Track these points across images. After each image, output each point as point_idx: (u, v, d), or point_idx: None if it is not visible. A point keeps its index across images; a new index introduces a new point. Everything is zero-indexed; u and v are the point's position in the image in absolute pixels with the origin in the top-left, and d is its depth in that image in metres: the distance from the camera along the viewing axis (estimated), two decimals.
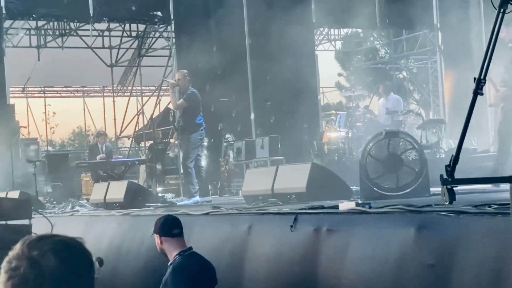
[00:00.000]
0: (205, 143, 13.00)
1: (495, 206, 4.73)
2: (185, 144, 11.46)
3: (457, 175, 5.66)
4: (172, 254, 5.92)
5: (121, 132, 26.05)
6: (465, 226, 4.73)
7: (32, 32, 24.29)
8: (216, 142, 17.07)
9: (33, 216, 9.35)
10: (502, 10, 5.50)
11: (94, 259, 1.94)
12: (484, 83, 5.68)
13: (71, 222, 10.14)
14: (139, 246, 8.04)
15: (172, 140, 17.99)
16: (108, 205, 10.88)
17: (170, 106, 21.38)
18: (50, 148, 30.16)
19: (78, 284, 1.87)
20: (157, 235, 6.01)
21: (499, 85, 8.74)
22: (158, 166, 17.92)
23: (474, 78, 5.66)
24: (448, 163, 5.70)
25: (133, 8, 17.96)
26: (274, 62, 17.75)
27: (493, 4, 5.53)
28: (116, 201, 10.72)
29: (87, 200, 12.97)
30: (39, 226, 8.63)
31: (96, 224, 9.56)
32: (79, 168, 18.12)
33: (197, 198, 11.12)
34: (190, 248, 6.01)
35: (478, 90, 5.64)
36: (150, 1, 18.20)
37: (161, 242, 5.98)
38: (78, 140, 37.16)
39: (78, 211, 11.21)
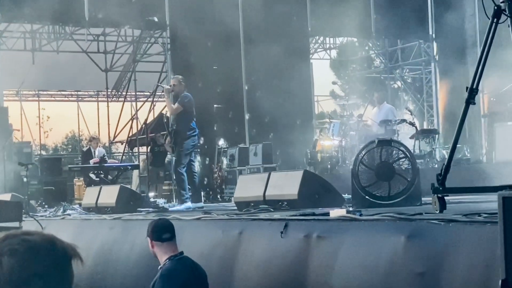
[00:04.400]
0: (198, 149, 12.99)
1: (485, 215, 4.74)
2: (177, 149, 11.44)
3: (449, 184, 5.68)
4: (162, 258, 5.93)
5: (114, 137, 26.01)
6: (455, 235, 4.74)
7: (27, 35, 24.26)
8: (209, 149, 17.07)
9: (23, 219, 9.35)
10: (495, 20, 5.52)
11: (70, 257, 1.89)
12: (477, 92, 5.70)
13: (62, 226, 10.12)
14: (130, 250, 8.02)
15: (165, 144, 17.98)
16: (99, 210, 10.86)
17: (165, 111, 21.43)
18: (43, 152, 30.10)
19: (40, 285, 1.82)
20: (148, 238, 6.03)
21: None
22: (160, 172, 17.97)
23: (467, 88, 5.69)
24: (439, 172, 5.72)
25: (134, 13, 17.99)
26: (269, 70, 17.77)
27: (486, 14, 5.55)
28: (107, 206, 10.70)
29: (79, 204, 12.94)
30: (30, 229, 8.60)
31: (87, 228, 9.55)
32: (72, 172, 18.11)
33: (189, 204, 11.11)
34: (182, 252, 6.00)
35: (470, 100, 5.66)
36: (146, 6, 18.20)
37: (152, 246, 6.00)
38: (72, 144, 37.09)
39: (69, 215, 11.19)
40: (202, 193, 16.26)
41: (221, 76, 17.31)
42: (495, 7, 5.49)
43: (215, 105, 17.48)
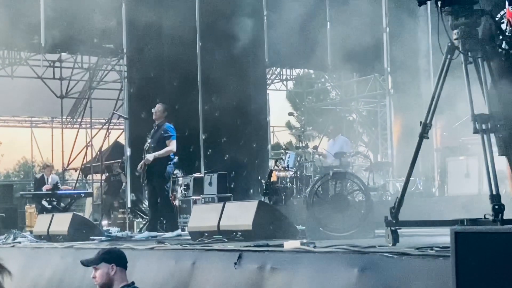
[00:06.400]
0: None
1: (437, 249, 4.79)
2: (157, 178, 11.53)
3: (402, 217, 5.73)
4: (119, 286, 5.86)
5: (68, 164, 25.74)
6: (408, 268, 4.77)
7: None
8: None
9: None
10: (448, 56, 5.62)
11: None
12: (430, 127, 5.78)
13: (12, 254, 9.94)
14: (81, 279, 7.92)
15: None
16: (51, 237, 10.71)
17: (119, 140, 21.31)
18: None
19: None
20: (112, 264, 5.88)
21: None
22: (115, 201, 17.88)
23: (421, 122, 5.77)
24: (393, 205, 5.77)
25: (92, 40, 17.94)
26: (226, 100, 17.82)
27: (441, 50, 5.64)
28: (59, 234, 10.56)
29: (31, 232, 12.75)
30: None
31: (38, 256, 9.40)
32: (24, 199, 17.88)
33: (179, 231, 11.30)
34: (133, 282, 5.95)
35: (424, 134, 5.75)
36: (103, 33, 18.15)
37: (115, 272, 5.86)
38: (24, 171, 36.62)
39: (19, 242, 11.00)
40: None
41: (180, 107, 17.29)
42: (449, 44, 5.60)
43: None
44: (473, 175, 11.47)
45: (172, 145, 11.53)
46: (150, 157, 11.59)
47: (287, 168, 14.62)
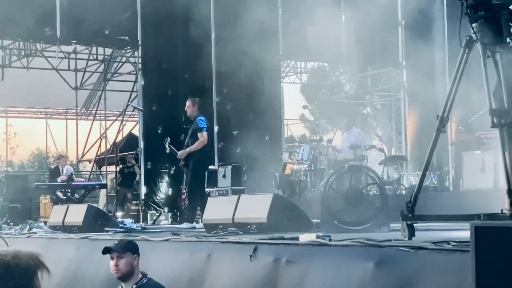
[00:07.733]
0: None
1: (454, 243, 4.77)
2: (190, 167, 11.66)
3: (416, 212, 5.72)
4: (139, 275, 6.08)
5: (82, 156, 25.84)
6: (424, 262, 4.76)
7: None
8: (177, 170, 17.01)
9: None
10: (467, 50, 5.59)
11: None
12: (447, 121, 5.75)
13: (27, 244, 9.98)
14: (96, 270, 7.95)
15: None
16: (66, 228, 10.75)
17: (134, 132, 21.37)
18: (9, 169, 29.81)
19: None
20: (136, 255, 6.13)
21: None
22: (128, 193, 17.95)
23: (437, 116, 5.74)
24: (409, 199, 5.76)
25: (106, 32, 17.98)
26: (240, 92, 17.81)
27: (460, 43, 5.61)
28: (74, 225, 10.59)
29: (45, 222, 12.81)
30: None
31: (53, 247, 9.43)
32: (39, 190, 17.97)
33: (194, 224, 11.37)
34: (146, 274, 6.13)
35: (441, 128, 5.71)
36: (118, 25, 18.18)
37: (137, 263, 6.11)
38: (38, 162, 36.76)
39: (35, 233, 11.05)
40: (169, 214, 16.25)
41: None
42: (467, 37, 5.57)
43: (184, 126, 17.43)
44: (488, 169, 11.41)
45: (203, 137, 11.68)
46: (182, 153, 11.80)
47: (301, 161, 14.63)
